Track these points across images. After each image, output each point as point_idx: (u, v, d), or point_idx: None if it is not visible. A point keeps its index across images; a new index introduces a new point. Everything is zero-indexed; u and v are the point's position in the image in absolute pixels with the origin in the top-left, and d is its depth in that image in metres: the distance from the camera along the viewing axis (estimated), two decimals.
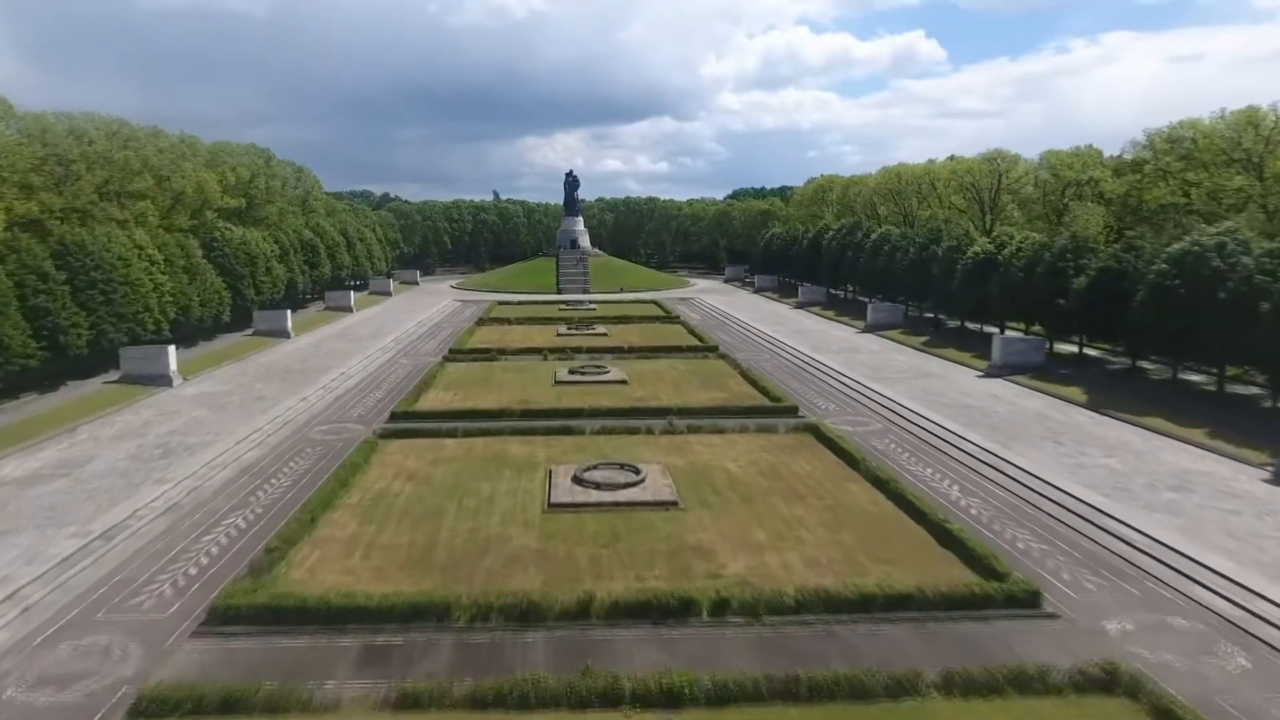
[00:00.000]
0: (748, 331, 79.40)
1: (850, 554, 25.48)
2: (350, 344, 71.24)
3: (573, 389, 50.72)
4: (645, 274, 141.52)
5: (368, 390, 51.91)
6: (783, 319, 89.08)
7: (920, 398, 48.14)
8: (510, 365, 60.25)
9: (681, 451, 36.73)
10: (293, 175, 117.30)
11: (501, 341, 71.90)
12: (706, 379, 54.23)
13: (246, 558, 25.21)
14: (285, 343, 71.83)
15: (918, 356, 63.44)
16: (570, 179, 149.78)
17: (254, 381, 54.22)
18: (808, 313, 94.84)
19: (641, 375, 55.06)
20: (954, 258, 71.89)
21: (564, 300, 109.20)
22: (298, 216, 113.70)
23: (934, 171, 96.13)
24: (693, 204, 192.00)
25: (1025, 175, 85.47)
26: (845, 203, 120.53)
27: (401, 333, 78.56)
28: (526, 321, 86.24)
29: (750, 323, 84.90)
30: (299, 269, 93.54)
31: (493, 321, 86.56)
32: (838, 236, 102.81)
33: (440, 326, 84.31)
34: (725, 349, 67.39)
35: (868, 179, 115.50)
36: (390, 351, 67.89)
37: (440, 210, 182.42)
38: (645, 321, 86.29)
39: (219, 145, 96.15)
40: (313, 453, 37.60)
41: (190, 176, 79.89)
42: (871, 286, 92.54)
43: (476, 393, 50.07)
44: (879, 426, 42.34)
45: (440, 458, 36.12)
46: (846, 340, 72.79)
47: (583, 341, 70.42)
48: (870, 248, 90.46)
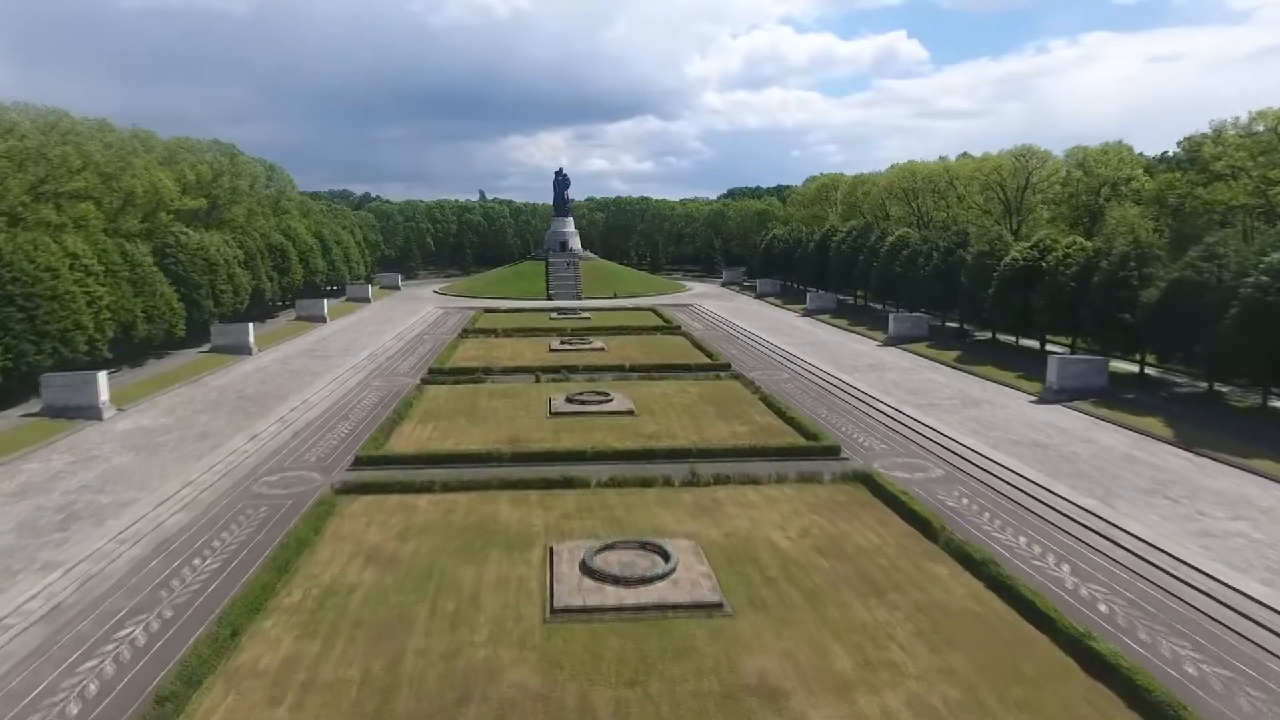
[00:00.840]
0: (758, 344, 72.50)
1: (972, 692, 18.50)
2: (319, 361, 63.73)
3: (571, 421, 43.56)
4: (639, 278, 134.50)
5: (332, 422, 44.54)
6: (793, 329, 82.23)
7: (979, 432, 41.31)
8: (498, 388, 53.02)
9: (713, 515, 29.62)
10: (263, 174, 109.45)
11: (488, 358, 64.64)
12: (724, 406, 47.22)
13: (131, 707, 17.99)
14: (246, 360, 64.22)
15: (956, 377, 56.64)
16: (560, 177, 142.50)
17: (200, 412, 46.71)
18: (818, 322, 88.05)
19: (649, 402, 48.00)
20: (987, 264, 65.28)
21: (555, 308, 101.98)
22: (268, 218, 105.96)
23: (953, 169, 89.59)
24: (686, 204, 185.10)
25: (1055, 173, 78.95)
26: (852, 203, 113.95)
27: (378, 347, 71.11)
28: (515, 333, 78.95)
29: (758, 334, 78.00)
30: (266, 275, 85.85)
31: (478, 333, 79.23)
32: (848, 239, 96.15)
33: (421, 339, 76.90)
34: (738, 366, 60.46)
35: (877, 178, 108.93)
36: (363, 371, 60.47)
37: (423, 210, 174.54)
38: (645, 333, 79.24)
39: (178, 141, 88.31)
40: (254, 516, 30.24)
41: (142, 175, 72.16)
42: (888, 294, 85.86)
43: (458, 426, 42.83)
44: (941, 473, 35.42)
45: (412, 525, 28.88)
46: (869, 355, 65.99)
47: (578, 359, 63.26)
48: (886, 252, 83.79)
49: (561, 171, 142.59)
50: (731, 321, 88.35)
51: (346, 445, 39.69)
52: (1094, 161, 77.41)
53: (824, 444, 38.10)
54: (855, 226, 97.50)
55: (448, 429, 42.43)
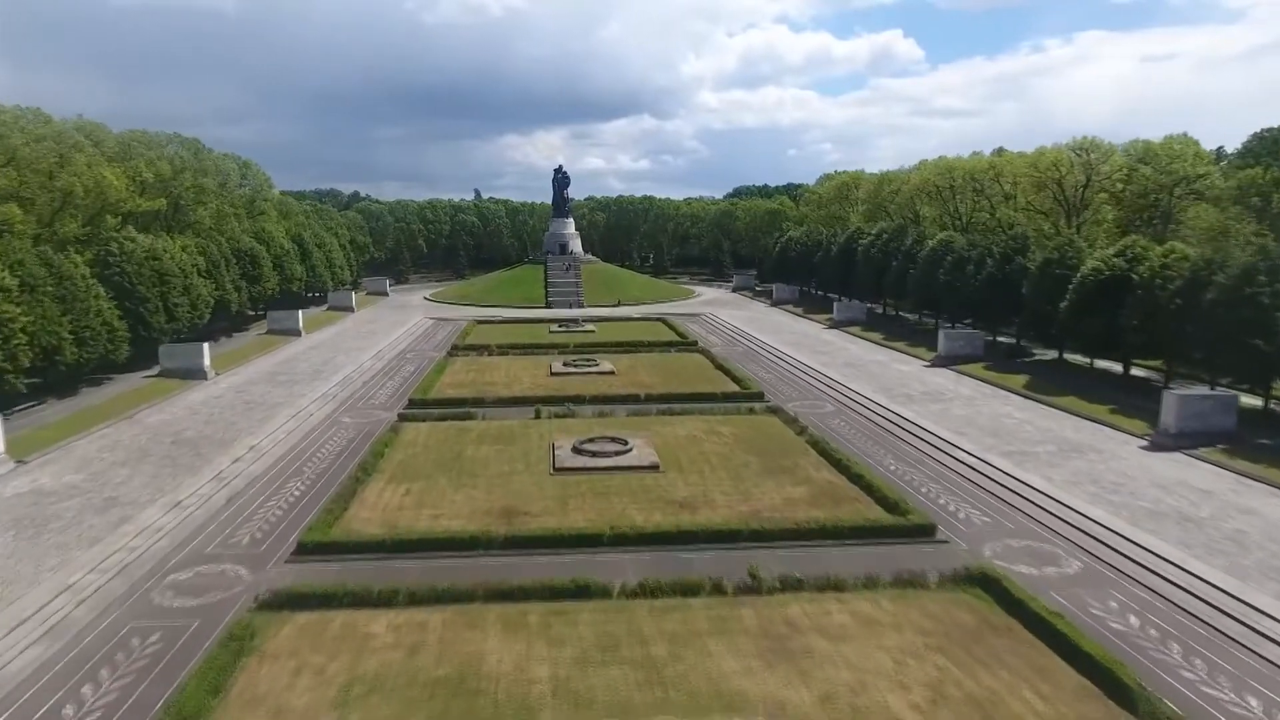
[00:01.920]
0: (787, 364, 63.62)
1: None
2: (283, 389, 54.74)
3: (581, 482, 34.59)
4: (643, 283, 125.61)
5: (281, 480, 35.58)
6: (823, 345, 73.34)
7: (1099, 497, 32.44)
8: (490, 427, 44.09)
9: (794, 659, 20.60)
10: (236, 171, 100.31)
11: (479, 384, 55.72)
12: (767, 455, 38.33)
13: None
14: (196, 388, 55.20)
15: (1035, 411, 47.72)
16: (560, 176, 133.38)
17: (121, 464, 37.70)
18: (849, 336, 79.17)
19: (675, 449, 39.08)
20: (1055, 274, 56.50)
21: (555, 318, 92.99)
22: (241, 220, 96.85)
23: (1000, 165, 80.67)
24: (691, 203, 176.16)
25: (1120, 169, 70.13)
26: (877, 203, 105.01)
27: (355, 369, 62.12)
28: (511, 350, 69.98)
29: (785, 350, 69.13)
30: (232, 285, 76.76)
31: (469, 350, 70.25)
32: (878, 242, 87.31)
33: (404, 358, 67.91)
34: (772, 395, 51.66)
35: (906, 175, 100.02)
36: (332, 401, 51.51)
37: (414, 211, 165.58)
38: (657, 349, 70.34)
39: (133, 135, 79.14)
40: (139, 652, 21.28)
41: (84, 172, 63.06)
42: (928, 304, 77.06)
43: (437, 488, 33.87)
44: (1078, 566, 26.48)
45: (359, 676, 19.91)
46: (920, 380, 57.12)
47: (584, 385, 54.38)
48: (926, 257, 74.99)
49: (561, 169, 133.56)
50: (751, 334, 79.49)
51: (292, 518, 30.74)
52: (1163, 156, 68.59)
53: (913, 520, 29.18)
54: (886, 229, 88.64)
55: (424, 493, 33.47)
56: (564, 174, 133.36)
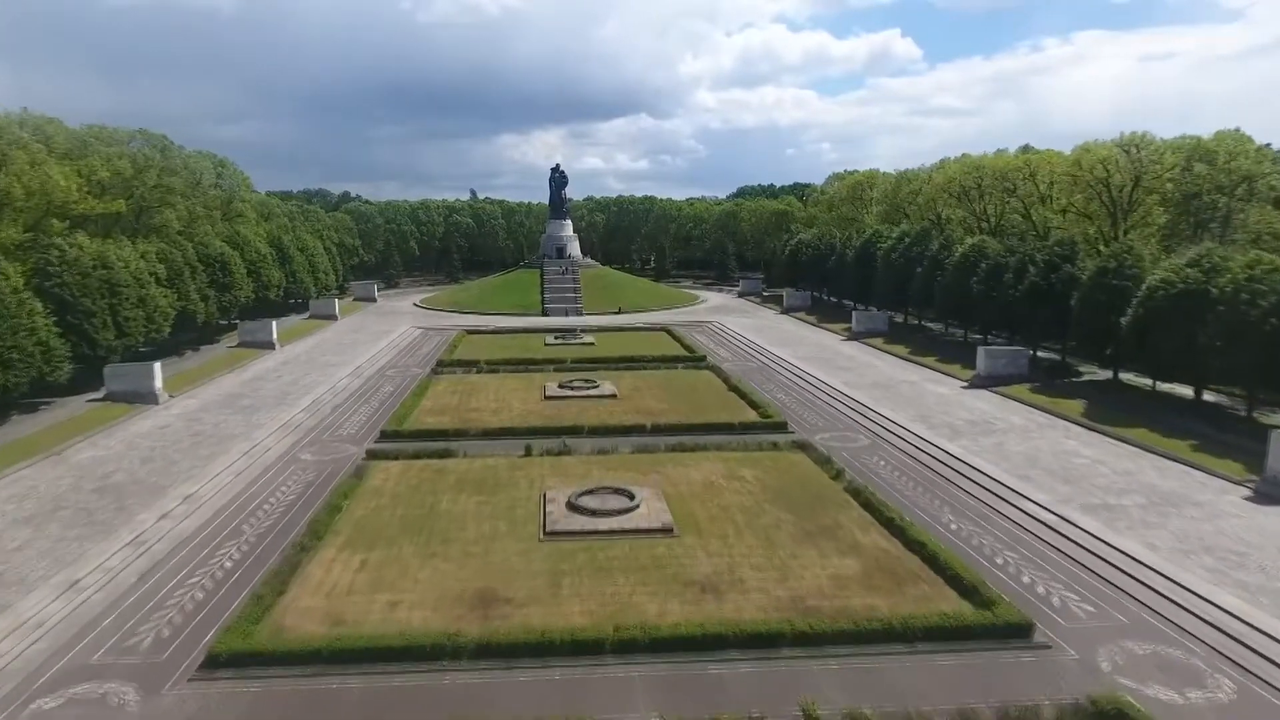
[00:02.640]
0: (807, 383, 57.27)
1: None
2: (240, 417, 48.36)
3: (577, 550, 28.17)
4: (645, 288, 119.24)
5: (211, 547, 29.18)
6: (844, 360, 66.94)
7: (1219, 573, 26.08)
8: (472, 468, 37.70)
9: None
10: (210, 170, 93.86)
11: (463, 410, 49.40)
12: (803, 509, 31.95)
13: None
14: (144, 414, 48.81)
15: (1107, 448, 41.21)
16: (557, 175, 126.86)
17: (21, 523, 31.29)
18: (871, 349, 72.76)
19: (691, 502, 32.74)
20: (1113, 285, 50.20)
21: (551, 327, 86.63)
22: (215, 223, 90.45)
23: (1036, 163, 74.21)
24: (694, 204, 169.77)
25: (1172, 168, 63.74)
26: (895, 204, 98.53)
27: (328, 389, 55.77)
28: (502, 366, 63.58)
29: (803, 367, 62.76)
30: (199, 294, 70.33)
31: (456, 366, 63.85)
32: (899, 247, 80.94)
33: (385, 376, 61.50)
34: (797, 424, 45.43)
35: (928, 174, 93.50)
36: (294, 433, 45.14)
37: (406, 212, 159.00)
38: (663, 365, 63.94)
39: (91, 131, 72.73)
40: None
41: (26, 171, 56.63)
42: (957, 314, 70.72)
43: (400, 561, 27.49)
44: (1230, 693, 20.17)
45: None
46: (962, 405, 50.73)
47: (582, 411, 48.07)
48: (957, 264, 68.64)
49: (558, 168, 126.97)
50: (763, 347, 73.14)
51: (215, 604, 24.43)
52: (1221, 153, 62.21)
53: (1002, 615, 22.74)
54: (908, 232, 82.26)
55: (383, 566, 27.07)
56: (561, 173, 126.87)
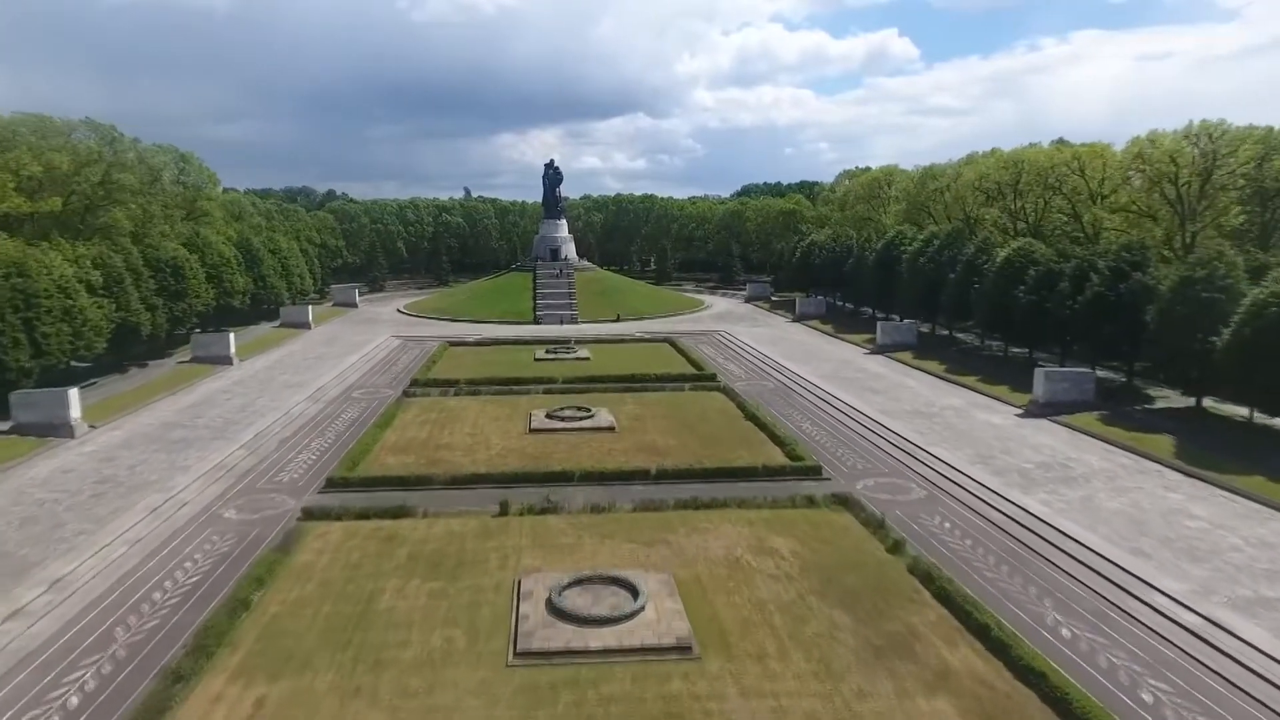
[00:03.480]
0: (834, 410, 49.43)
1: None
2: (165, 455, 40.42)
3: (560, 687, 20.18)
4: (646, 293, 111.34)
5: (57, 672, 21.21)
6: (874, 380, 58.97)
7: None
8: (430, 537, 29.77)
9: None
10: (170, 165, 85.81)
11: (431, 447, 41.53)
12: (864, 609, 24.06)
13: None
14: (49, 454, 40.81)
15: (1223, 506, 33.23)
16: (551, 172, 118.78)
17: None
18: (902, 366, 64.80)
19: (713, 593, 24.86)
20: (1203, 298, 42.38)
21: (543, 337, 78.68)
22: (175, 223, 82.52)
23: (1085, 156, 66.26)
24: (696, 203, 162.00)
25: (1248, 162, 55.91)
26: (918, 202, 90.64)
27: (279, 418, 47.88)
28: (484, 387, 55.63)
29: (827, 388, 54.89)
30: (143, 303, 62.31)
31: (432, 387, 55.91)
32: (927, 250, 73.07)
33: (349, 399, 53.59)
34: (830, 464, 37.65)
35: (957, 169, 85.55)
36: (224, 478, 37.21)
37: (393, 211, 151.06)
38: (667, 386, 56.00)
39: (23, 120, 64.69)
40: None
41: None
42: (1000, 327, 62.81)
43: (309, 699, 19.52)
44: None
45: None
46: (1024, 440, 42.80)
47: (574, 451, 40.19)
48: (999, 271, 60.80)
49: (553, 164, 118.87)
50: (779, 363, 65.26)
51: None
52: None
53: None
54: (937, 234, 74.39)
55: (283, 709, 19.14)
56: (556, 170, 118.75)
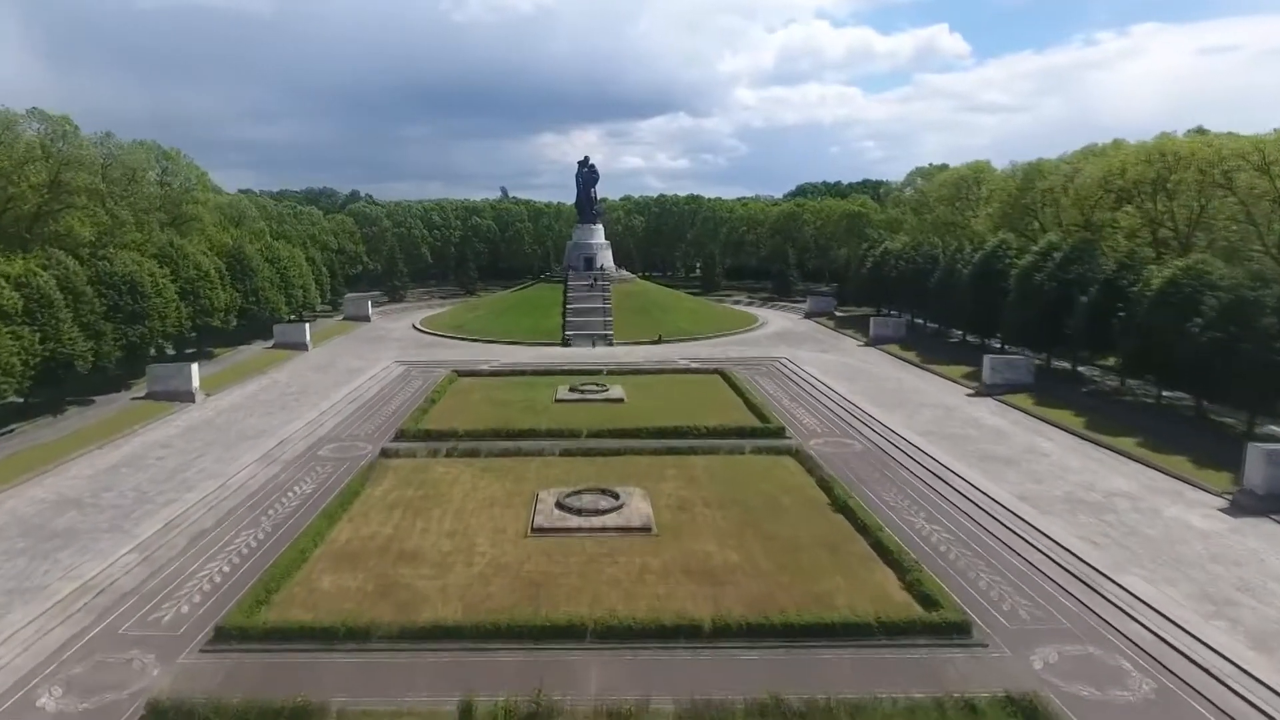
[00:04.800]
0: (958, 496, 35.76)
1: None
2: (23, 563, 28.61)
3: None
4: (691, 308, 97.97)
5: None
6: (999, 442, 44.87)
7: None
8: None
9: None
10: (151, 164, 75.15)
11: (390, 559, 29.08)
12: None
13: None
14: None
15: None
16: (585, 171, 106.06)
17: None
18: (1018, 413, 50.61)
19: None
20: None
21: (570, 367, 65.99)
22: (152, 230, 71.84)
23: (1268, 147, 51.44)
24: (747, 204, 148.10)
25: None
26: (1022, 205, 75.76)
27: (204, 496, 35.98)
28: (485, 445, 43.05)
29: (938, 456, 41.12)
30: (81, 333, 51.14)
31: (422, 441, 43.60)
32: (1046, 265, 58.66)
33: (310, 461, 41.53)
34: (986, 619, 24.11)
35: (1074, 164, 70.60)
36: (75, 617, 25.13)
37: (417, 213, 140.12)
38: (721, 446, 42.73)
39: None
40: None
41: None
42: (1154, 368, 48.33)
43: None
44: None
45: None
46: (1251, 559, 28.80)
47: (588, 573, 27.38)
48: (1157, 297, 46.43)
49: (587, 162, 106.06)
50: (861, 409, 51.65)
51: None
52: None
53: None
54: (1057, 244, 59.83)
55: None
56: (591, 168, 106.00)
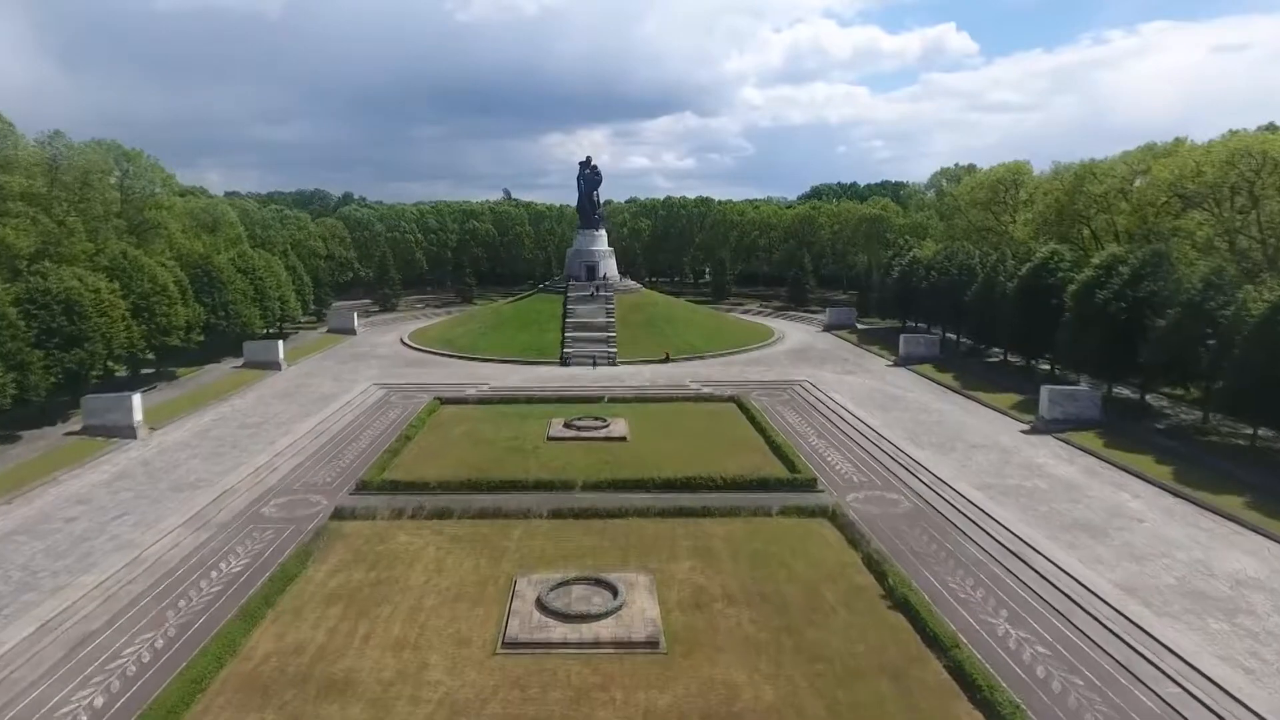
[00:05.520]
0: (1040, 580, 28.33)
1: None
2: None
3: None
4: (702, 322, 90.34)
5: None
6: (1076, 500, 37.25)
7: None
8: None
9: None
10: (107, 165, 68.15)
11: (312, 690, 21.68)
12: None
13: None
14: None
15: None
16: (588, 172, 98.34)
17: None
18: (1088, 457, 43.04)
19: None
20: None
21: (568, 393, 58.58)
22: (106, 240, 64.86)
23: None
24: (759, 207, 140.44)
25: None
26: (1071, 211, 68.03)
27: (90, 589, 28.84)
28: (459, 503, 35.76)
29: (1005, 520, 33.68)
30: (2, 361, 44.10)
31: (383, 496, 36.33)
32: (1109, 281, 51.05)
33: (249, 524, 34.32)
34: None
35: (1131, 165, 62.94)
36: None
37: (412, 217, 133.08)
38: (740, 501, 35.35)
39: None
40: None
41: None
42: (1259, 407, 40.68)
43: None
44: None
45: None
46: None
47: (570, 701, 20.10)
48: (1263, 324, 38.86)
49: (589, 163, 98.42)
50: (902, 450, 44.24)
51: None
52: None
53: None
54: (1121, 257, 52.24)
55: None
56: (594, 170, 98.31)
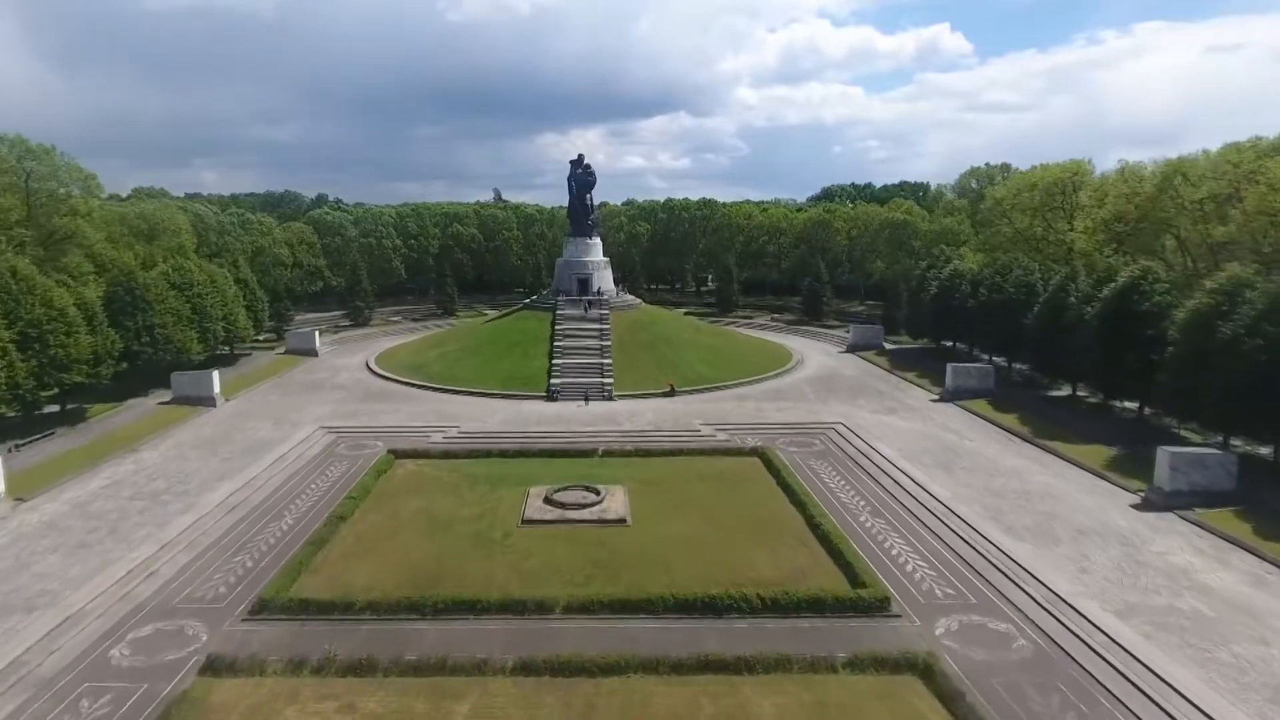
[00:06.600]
0: None
1: None
2: None
3: None
4: (710, 343, 79.21)
5: None
6: (1254, 640, 26.80)
7: None
8: None
9: None
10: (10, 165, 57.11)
11: None
12: None
13: None
14: None
15: None
16: (580, 172, 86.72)
17: None
18: (1264, 564, 32.34)
19: None
20: None
21: (552, 444, 47.48)
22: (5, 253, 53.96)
23: None
24: (766, 210, 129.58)
25: None
26: (1152, 219, 57.22)
27: None
28: (397, 644, 24.95)
29: (1201, 699, 23.00)
30: None
31: (294, 623, 25.41)
32: (1234, 314, 40.31)
33: (91, 670, 23.34)
34: None
35: (1236, 164, 52.20)
36: None
37: (389, 221, 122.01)
38: (788, 647, 24.59)
39: None
40: None
41: None
42: None
43: None
44: None
45: None
46: None
47: None
48: None
49: (582, 162, 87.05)
50: (987, 535, 33.55)
51: None
52: None
53: None
54: (1246, 281, 41.51)
55: None
56: (587, 169, 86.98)
